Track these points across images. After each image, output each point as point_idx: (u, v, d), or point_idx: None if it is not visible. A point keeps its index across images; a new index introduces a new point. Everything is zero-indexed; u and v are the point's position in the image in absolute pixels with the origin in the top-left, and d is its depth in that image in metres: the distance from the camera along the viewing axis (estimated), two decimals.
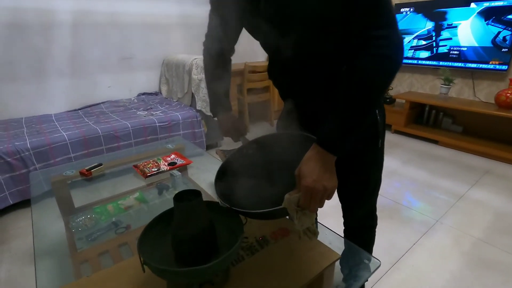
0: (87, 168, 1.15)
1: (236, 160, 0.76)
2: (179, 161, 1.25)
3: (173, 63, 2.62)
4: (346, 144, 0.52)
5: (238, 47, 0.87)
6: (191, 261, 0.59)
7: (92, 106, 2.48)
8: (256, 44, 0.78)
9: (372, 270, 0.69)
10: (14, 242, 1.47)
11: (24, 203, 1.65)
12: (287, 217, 0.67)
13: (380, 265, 0.71)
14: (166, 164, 1.21)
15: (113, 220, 1.04)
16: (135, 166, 1.19)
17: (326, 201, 0.54)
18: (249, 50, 2.63)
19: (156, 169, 1.16)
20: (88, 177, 1.15)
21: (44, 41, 2.25)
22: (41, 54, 2.26)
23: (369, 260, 0.73)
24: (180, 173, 1.21)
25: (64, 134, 1.76)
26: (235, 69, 2.88)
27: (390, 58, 0.50)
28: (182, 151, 1.46)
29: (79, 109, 2.42)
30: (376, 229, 0.98)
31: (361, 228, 0.94)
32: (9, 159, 1.54)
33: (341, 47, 0.59)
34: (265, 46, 0.77)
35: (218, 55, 0.83)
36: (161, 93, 2.87)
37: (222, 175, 0.72)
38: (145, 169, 1.16)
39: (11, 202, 1.56)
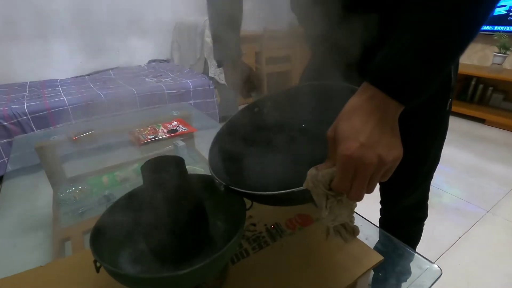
0: (75, 133, 1.00)
1: (242, 122, 0.54)
2: (181, 129, 1.06)
3: (185, 27, 2.39)
4: (427, 84, 0.29)
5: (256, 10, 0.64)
6: (169, 260, 0.41)
7: (100, 72, 2.34)
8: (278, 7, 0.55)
9: (431, 282, 0.48)
10: (9, 211, 1.35)
11: (25, 170, 1.56)
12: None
13: (441, 274, 0.50)
14: (166, 131, 1.03)
15: (106, 194, 0.89)
16: (130, 133, 1.02)
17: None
18: (269, 14, 2.33)
19: (153, 136, 0.99)
20: (76, 143, 0.99)
21: None
22: (45, 13, 2.10)
23: (424, 266, 0.52)
24: (184, 143, 1.03)
25: (65, 98, 1.63)
26: (253, 34, 2.61)
27: None
28: (189, 120, 1.27)
29: (87, 75, 2.28)
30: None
31: (406, 220, 0.72)
32: (5, 123, 1.43)
33: None
34: None
35: None
36: (173, 60, 2.67)
37: (221, 142, 0.51)
38: (140, 136, 0.99)
39: (10, 169, 1.47)
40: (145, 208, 0.40)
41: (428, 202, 0.70)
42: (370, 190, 0.32)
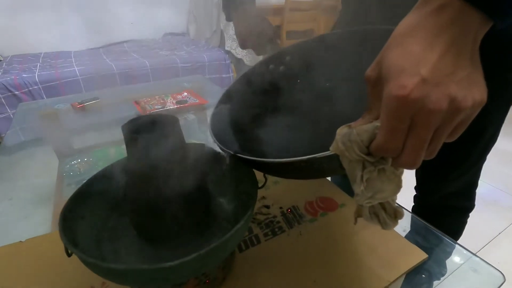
0: (79, 101, 0.93)
1: (254, 80, 0.44)
2: (192, 100, 0.97)
3: None
4: None
5: None
6: (159, 247, 0.33)
7: (114, 44, 2.28)
8: None
9: None
10: (21, 181, 1.33)
11: (39, 141, 1.55)
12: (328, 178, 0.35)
13: (504, 281, 0.39)
14: (174, 101, 0.94)
15: None
16: (136, 103, 0.94)
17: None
18: None
19: (160, 107, 0.90)
20: (80, 111, 0.93)
21: None
22: None
23: (481, 270, 0.41)
24: (195, 117, 0.95)
25: (76, 69, 1.57)
26: (273, 6, 2.42)
27: None
28: (201, 92, 1.17)
29: (101, 48, 2.22)
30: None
31: (448, 210, 0.60)
32: (17, 92, 1.40)
33: None
34: None
35: None
36: (188, 34, 2.56)
37: (227, 105, 0.42)
38: (146, 105, 0.91)
39: (23, 139, 1.46)
40: (129, 180, 0.31)
41: None
42: (431, 153, 0.21)
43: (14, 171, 0.81)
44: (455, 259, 0.43)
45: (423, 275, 0.39)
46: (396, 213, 0.26)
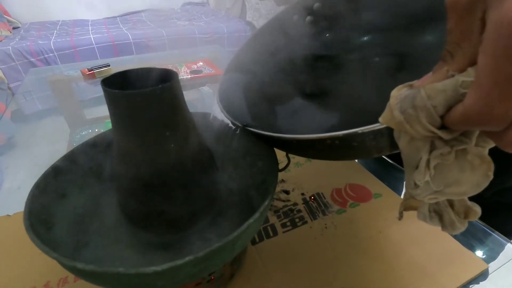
0: (89, 67, 0.88)
1: (273, 37, 0.35)
2: (207, 70, 0.89)
3: None
4: None
5: None
6: (151, 240, 0.26)
7: (131, 13, 2.20)
8: None
9: None
10: (36, 148, 1.33)
11: (51, 109, 1.55)
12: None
13: None
14: (188, 71, 0.87)
15: None
16: None
17: None
18: None
19: None
20: (91, 79, 0.88)
21: None
22: None
23: None
24: (211, 90, 0.87)
25: (92, 37, 1.53)
26: None
27: None
28: (218, 63, 1.09)
29: (118, 16, 2.16)
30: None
31: (504, 207, 0.50)
32: (32, 59, 1.38)
33: None
34: None
35: None
36: (208, 4, 2.43)
37: (240, 68, 0.33)
38: None
39: (40, 108, 1.45)
40: (115, 152, 0.24)
41: None
42: None
43: (19, 139, 0.78)
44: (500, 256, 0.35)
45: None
46: (468, 212, 0.18)
